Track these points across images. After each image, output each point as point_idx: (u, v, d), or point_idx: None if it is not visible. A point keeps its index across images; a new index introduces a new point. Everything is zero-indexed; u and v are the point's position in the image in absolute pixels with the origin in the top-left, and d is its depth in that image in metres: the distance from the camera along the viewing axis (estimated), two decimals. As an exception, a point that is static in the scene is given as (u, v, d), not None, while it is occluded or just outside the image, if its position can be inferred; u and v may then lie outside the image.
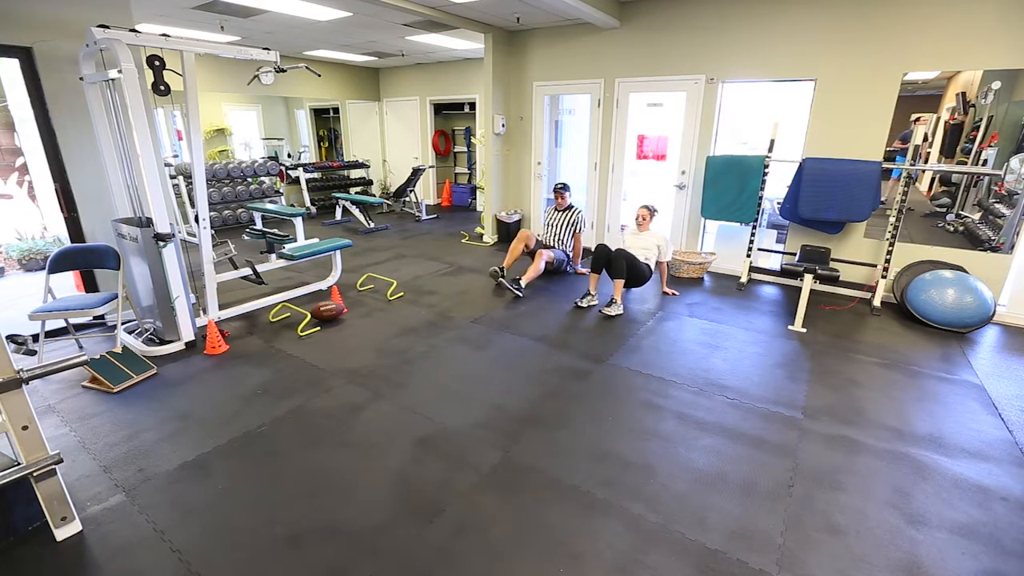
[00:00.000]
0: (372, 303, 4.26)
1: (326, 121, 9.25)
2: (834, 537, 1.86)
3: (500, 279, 4.55)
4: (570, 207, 4.98)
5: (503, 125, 6.29)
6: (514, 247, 4.86)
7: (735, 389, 2.91)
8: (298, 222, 5.40)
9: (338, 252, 4.51)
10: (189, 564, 1.72)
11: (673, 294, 4.50)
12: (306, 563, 1.73)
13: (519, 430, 2.49)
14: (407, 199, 8.44)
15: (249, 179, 7.02)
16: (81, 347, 3.41)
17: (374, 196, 8.79)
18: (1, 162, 5.77)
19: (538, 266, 4.55)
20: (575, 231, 5.02)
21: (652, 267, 4.32)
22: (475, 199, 9.17)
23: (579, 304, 4.10)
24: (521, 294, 4.37)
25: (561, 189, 4.94)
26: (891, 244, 4.12)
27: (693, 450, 2.36)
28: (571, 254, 5.04)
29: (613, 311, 3.96)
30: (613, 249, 4.16)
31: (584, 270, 5.06)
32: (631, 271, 4.10)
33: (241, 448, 2.35)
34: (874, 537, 1.86)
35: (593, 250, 4.27)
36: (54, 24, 3.24)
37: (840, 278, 4.04)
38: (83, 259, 3.36)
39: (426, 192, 9.42)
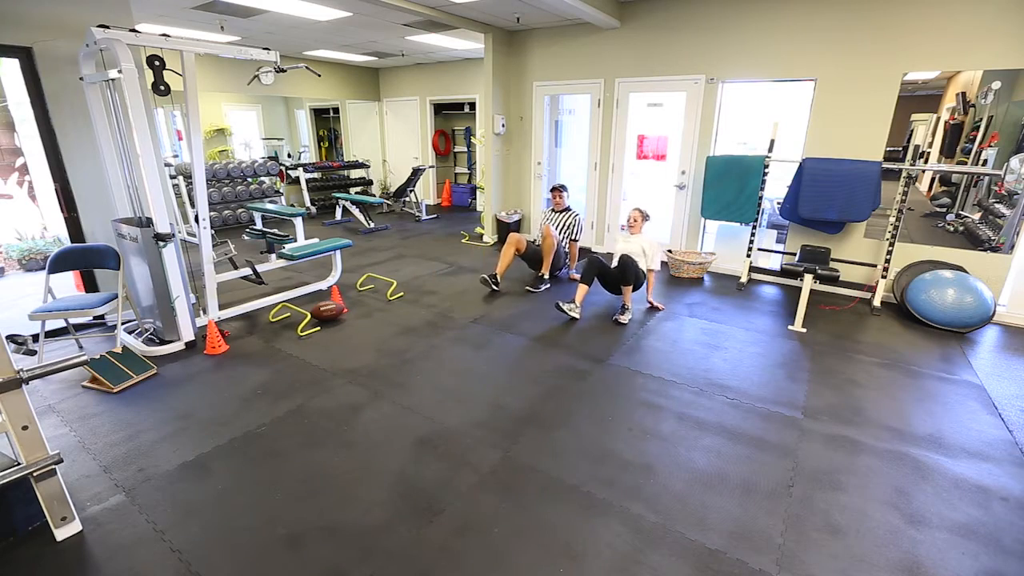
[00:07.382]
0: (372, 303, 4.26)
1: (326, 121, 9.24)
2: (834, 537, 1.86)
3: (494, 287, 4.51)
4: (567, 209, 4.90)
5: (503, 125, 6.28)
6: (505, 252, 4.66)
7: (735, 389, 2.91)
8: (298, 222, 5.40)
9: (338, 252, 4.51)
10: (189, 564, 1.72)
11: (659, 308, 4.16)
12: (306, 563, 1.72)
13: (519, 430, 2.49)
14: (407, 199, 8.44)
15: (249, 179, 7.02)
16: (81, 347, 3.41)
17: (374, 196, 8.78)
18: (1, 162, 5.77)
19: (551, 243, 4.55)
20: (572, 237, 4.89)
21: (644, 272, 4.15)
22: (475, 199, 9.17)
23: (560, 306, 3.87)
24: (539, 289, 4.52)
25: (560, 189, 4.88)
26: (891, 244, 4.12)
27: (693, 450, 2.36)
28: (568, 257, 4.97)
29: (626, 318, 3.87)
30: (608, 258, 4.01)
31: (577, 276, 4.81)
32: (628, 273, 3.90)
33: (241, 448, 2.35)
34: (874, 537, 1.86)
35: (586, 260, 4.05)
36: (54, 24, 3.24)
37: (840, 278, 4.03)
38: (83, 259, 3.36)
39: (426, 192, 9.42)
